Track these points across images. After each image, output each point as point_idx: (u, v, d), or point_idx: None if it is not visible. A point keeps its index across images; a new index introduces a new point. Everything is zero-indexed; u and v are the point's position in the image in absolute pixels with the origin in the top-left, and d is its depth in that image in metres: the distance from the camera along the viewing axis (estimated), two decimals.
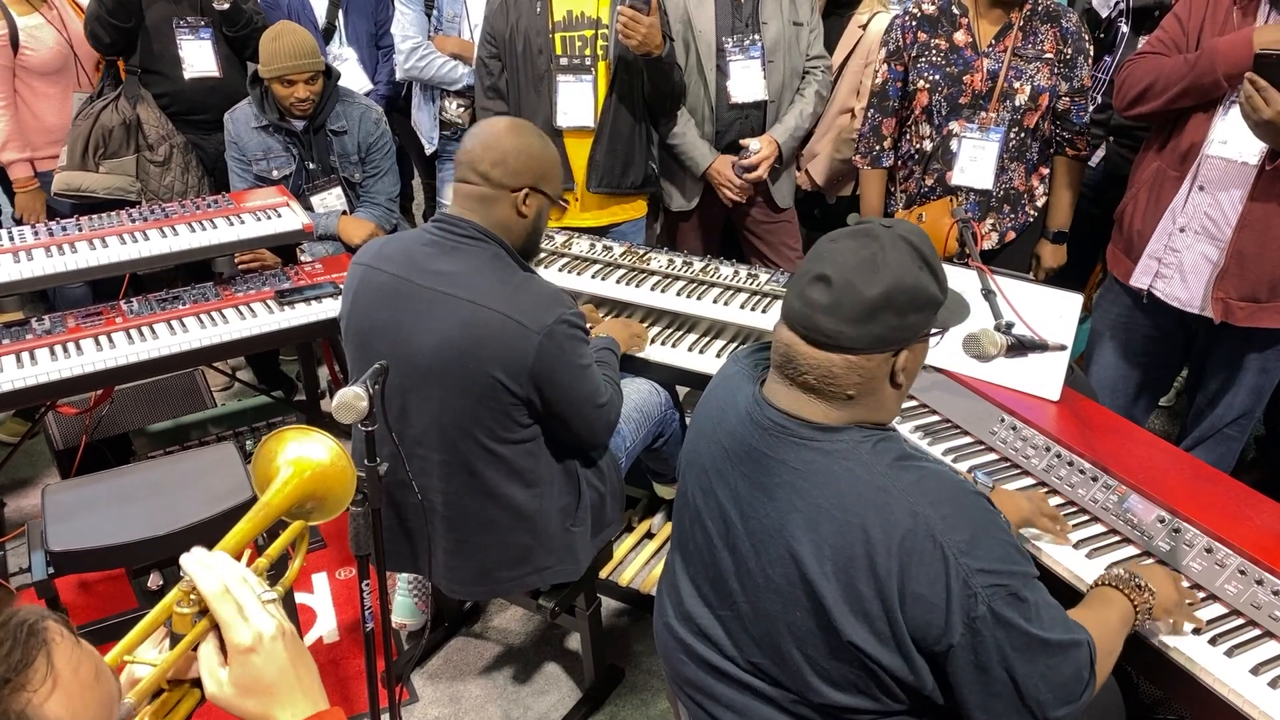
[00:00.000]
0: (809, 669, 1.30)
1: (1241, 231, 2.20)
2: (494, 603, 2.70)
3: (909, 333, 1.27)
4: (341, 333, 2.05)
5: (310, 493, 1.21)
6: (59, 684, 0.77)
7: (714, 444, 1.40)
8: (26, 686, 0.75)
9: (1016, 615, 1.20)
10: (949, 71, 2.62)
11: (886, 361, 1.27)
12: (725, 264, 2.61)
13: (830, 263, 1.26)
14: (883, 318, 1.24)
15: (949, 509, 1.22)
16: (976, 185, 2.67)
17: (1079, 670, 1.26)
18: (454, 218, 1.90)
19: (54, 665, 0.77)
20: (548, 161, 1.95)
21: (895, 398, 1.32)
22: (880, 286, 1.23)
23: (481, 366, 1.81)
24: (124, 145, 3.24)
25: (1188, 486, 1.78)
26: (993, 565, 1.20)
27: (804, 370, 1.28)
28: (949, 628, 1.19)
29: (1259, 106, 1.99)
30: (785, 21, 2.94)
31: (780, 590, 1.29)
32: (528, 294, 1.84)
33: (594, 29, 2.83)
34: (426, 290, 1.85)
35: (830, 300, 1.24)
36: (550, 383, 1.85)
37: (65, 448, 2.88)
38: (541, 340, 1.80)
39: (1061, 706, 1.25)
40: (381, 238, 2.04)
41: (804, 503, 1.26)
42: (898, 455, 1.26)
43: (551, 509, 2.00)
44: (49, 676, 0.77)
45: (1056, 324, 2.01)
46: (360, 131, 3.19)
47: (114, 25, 3.17)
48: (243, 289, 2.77)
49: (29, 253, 2.58)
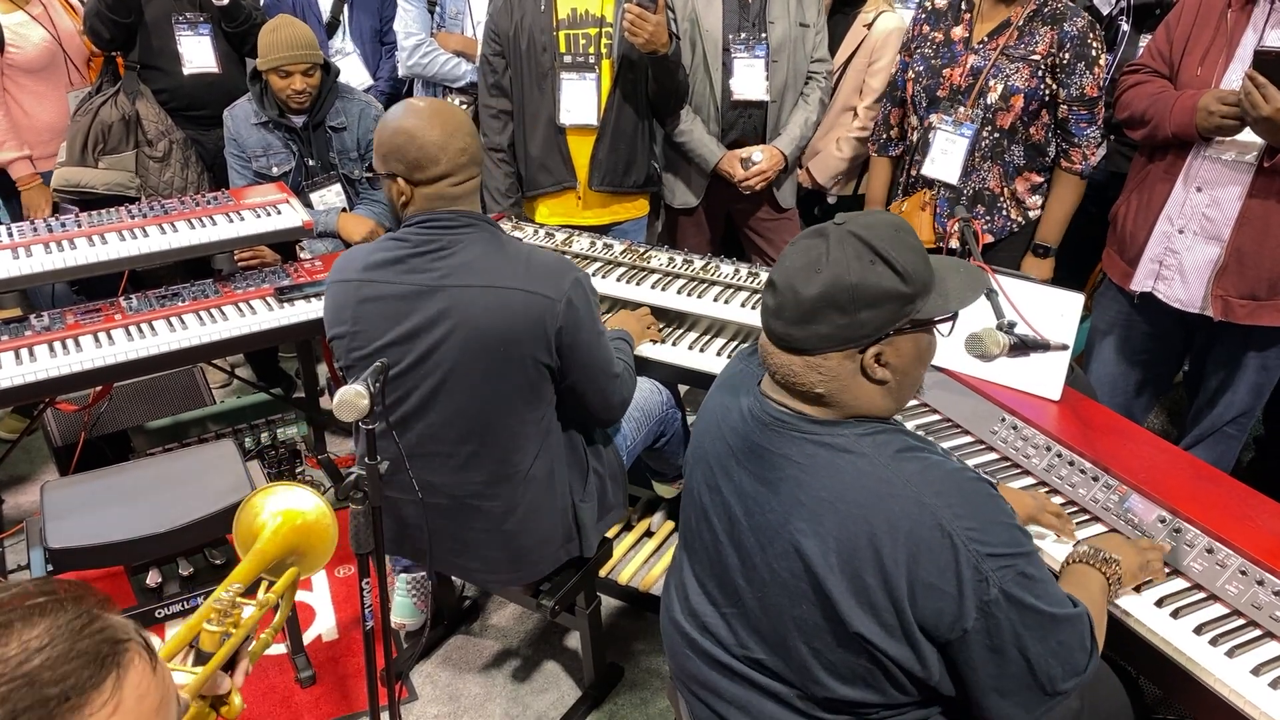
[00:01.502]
0: (816, 663, 1.30)
1: (1240, 229, 2.21)
2: (493, 601, 2.69)
3: (864, 329, 1.24)
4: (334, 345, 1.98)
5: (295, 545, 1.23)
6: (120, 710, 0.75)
7: (719, 441, 1.41)
8: (86, 707, 0.73)
9: (1027, 594, 1.22)
10: (933, 64, 2.65)
11: (849, 359, 1.26)
12: (726, 262, 2.60)
13: (779, 267, 1.29)
14: (826, 317, 1.23)
15: (954, 497, 1.22)
16: (944, 179, 2.68)
17: (1083, 641, 1.29)
18: (432, 214, 1.85)
19: (121, 690, 0.75)
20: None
21: (880, 393, 1.29)
22: (817, 287, 1.23)
23: (512, 344, 1.82)
24: (123, 141, 3.24)
25: (1189, 486, 1.77)
26: (1001, 548, 1.21)
27: (774, 370, 1.31)
28: (962, 614, 1.20)
29: (1258, 103, 2.00)
30: (792, 22, 2.94)
31: (786, 585, 1.29)
32: (538, 265, 1.85)
33: (598, 27, 2.82)
34: (434, 290, 1.83)
35: (776, 304, 1.28)
36: (571, 348, 1.86)
37: (64, 444, 2.87)
38: (565, 307, 1.82)
39: (1070, 679, 1.27)
40: (358, 250, 1.95)
41: (808, 496, 1.26)
42: (900, 447, 1.27)
43: (566, 483, 2.02)
44: (112, 701, 0.74)
45: (1058, 323, 2.01)
46: (360, 128, 3.18)
47: (113, 21, 3.16)
48: (242, 286, 2.76)
49: (28, 249, 2.58)
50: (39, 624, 0.73)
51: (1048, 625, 1.23)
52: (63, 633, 0.73)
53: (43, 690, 0.70)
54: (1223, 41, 2.21)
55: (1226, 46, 2.21)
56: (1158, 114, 2.28)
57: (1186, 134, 2.22)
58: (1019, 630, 1.21)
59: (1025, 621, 1.22)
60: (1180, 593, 1.61)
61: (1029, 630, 1.22)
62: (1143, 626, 1.55)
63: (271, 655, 2.54)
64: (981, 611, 1.20)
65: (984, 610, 1.20)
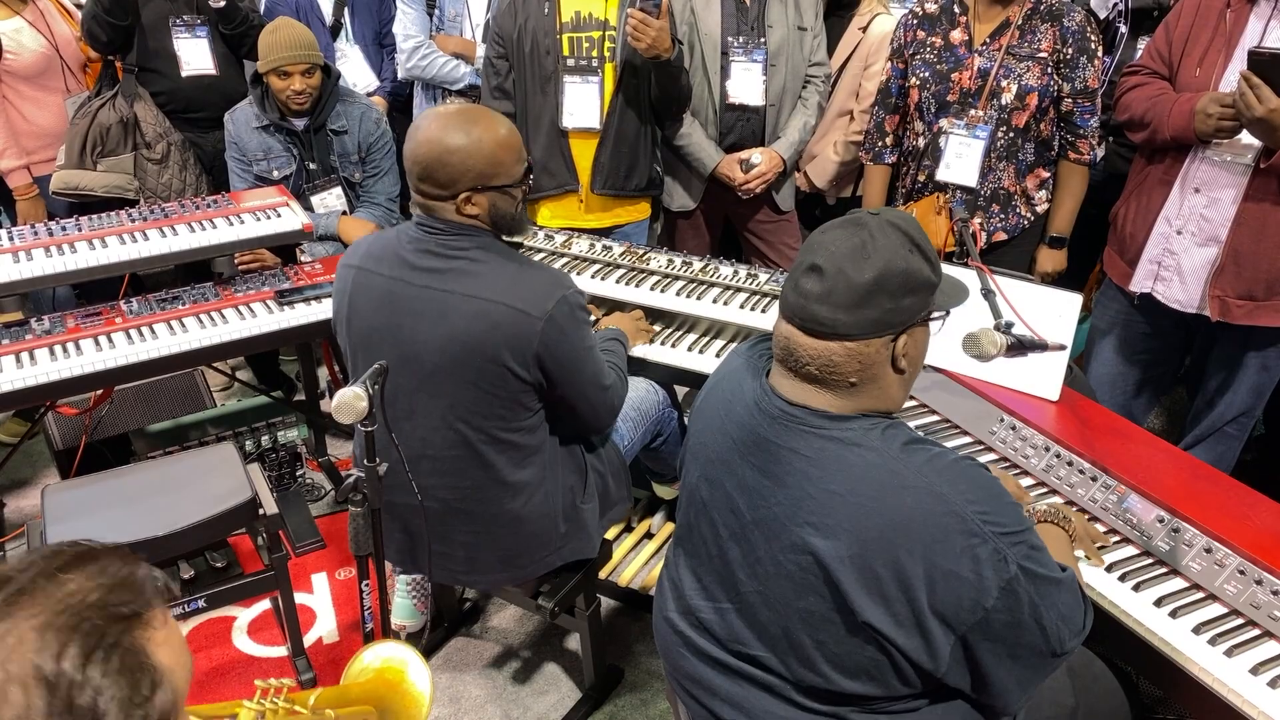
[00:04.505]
0: (819, 655, 1.31)
1: (1237, 230, 2.22)
2: (493, 603, 2.70)
3: (905, 315, 1.28)
4: (337, 333, 2.05)
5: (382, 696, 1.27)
6: (170, 635, 0.83)
7: (721, 435, 1.41)
8: (150, 624, 0.81)
9: (1036, 565, 1.26)
10: (938, 69, 2.65)
11: (886, 346, 1.29)
12: (725, 264, 2.61)
13: (822, 252, 1.28)
14: (877, 301, 1.25)
15: (964, 484, 1.25)
16: (961, 182, 2.68)
17: (1077, 598, 1.33)
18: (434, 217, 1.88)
19: (169, 618, 0.84)
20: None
21: (899, 384, 1.34)
22: (872, 271, 1.25)
23: (490, 357, 1.82)
24: (121, 143, 3.24)
25: (1187, 486, 1.78)
26: (1013, 527, 1.25)
27: (805, 361, 1.30)
28: (983, 595, 1.22)
29: (1252, 104, 2.00)
30: (790, 26, 2.94)
31: (793, 576, 1.30)
32: (527, 280, 1.84)
33: (602, 30, 2.83)
34: (423, 290, 1.85)
35: (824, 289, 1.26)
36: (556, 364, 1.86)
37: (65, 448, 2.88)
38: (545, 325, 1.81)
39: (1074, 638, 1.32)
40: (366, 237, 2.01)
41: (817, 489, 1.27)
42: (907, 439, 1.29)
43: (561, 488, 2.02)
44: (166, 624, 0.83)
45: (1056, 324, 2.01)
46: (360, 131, 3.18)
47: (111, 24, 3.17)
48: (242, 289, 2.76)
49: (29, 252, 2.58)
50: (89, 566, 0.82)
51: (1052, 590, 1.27)
52: (113, 570, 0.83)
53: (116, 610, 0.79)
54: (1221, 41, 2.22)
55: (1225, 47, 2.21)
56: (1156, 117, 2.28)
57: (1185, 137, 2.22)
58: (1035, 600, 1.24)
59: (1039, 591, 1.25)
60: (1179, 592, 1.62)
61: (1043, 599, 1.25)
62: (1141, 626, 1.56)
63: (272, 658, 2.55)
64: (1003, 590, 1.22)
65: (1006, 588, 1.22)
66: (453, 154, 1.79)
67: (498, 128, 1.84)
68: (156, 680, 0.79)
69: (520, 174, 1.88)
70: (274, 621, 2.63)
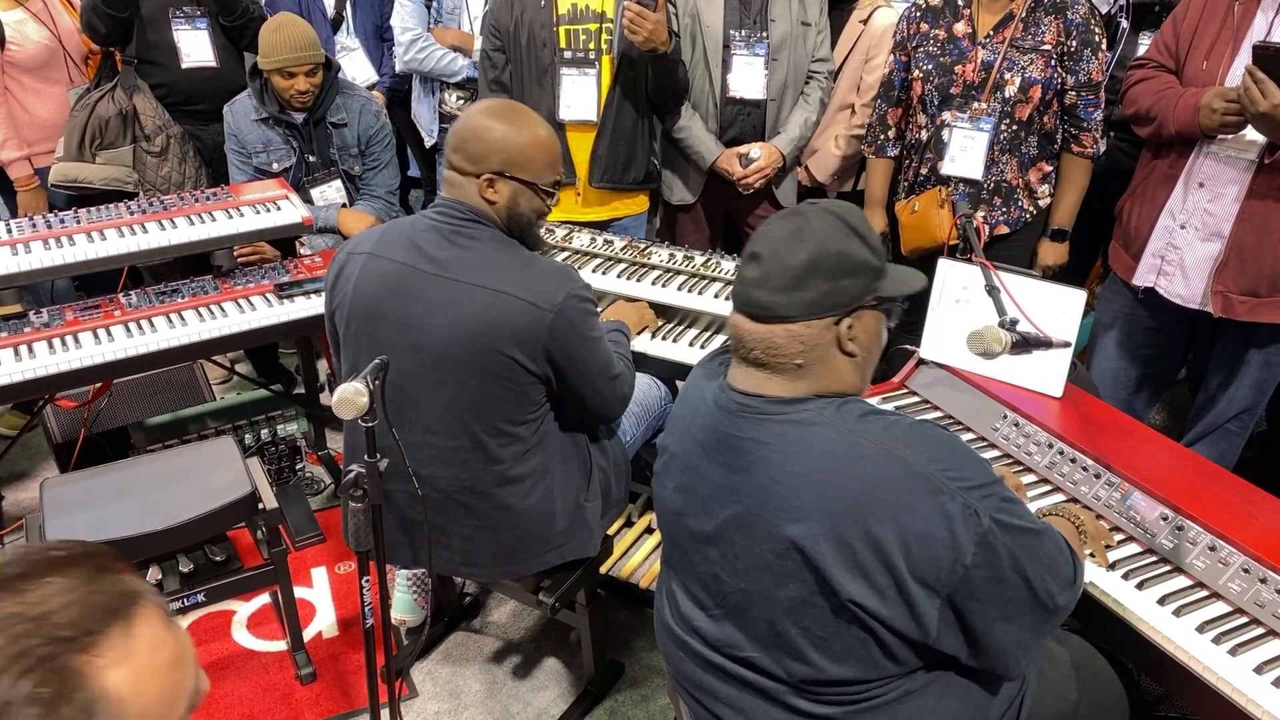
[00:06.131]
0: (806, 642, 1.31)
1: (1240, 225, 2.21)
2: (493, 598, 2.69)
3: (844, 297, 1.30)
4: (332, 319, 2.02)
5: None
6: (131, 659, 0.78)
7: (688, 439, 1.43)
8: (92, 649, 0.76)
9: (1012, 517, 1.26)
10: (942, 62, 2.64)
11: (828, 329, 1.30)
12: (726, 258, 2.60)
13: (760, 240, 1.33)
14: (812, 283, 1.28)
15: (924, 445, 1.26)
16: (966, 175, 2.68)
17: (1061, 549, 1.33)
18: (452, 202, 1.89)
19: (133, 640, 0.78)
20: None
21: (851, 368, 1.35)
22: (804, 253, 1.28)
23: (497, 349, 1.82)
24: (120, 136, 3.23)
25: (1191, 484, 1.77)
26: (980, 479, 1.26)
27: (751, 347, 1.33)
28: (960, 552, 1.22)
29: (1256, 99, 2.00)
30: (794, 21, 2.93)
31: (771, 566, 1.30)
32: (536, 273, 1.85)
33: (598, 23, 2.82)
34: (433, 278, 1.85)
35: (761, 274, 1.30)
36: (565, 356, 1.86)
37: (63, 441, 2.87)
38: (554, 317, 1.81)
39: (1065, 590, 1.32)
40: (377, 227, 2.01)
41: (782, 474, 1.28)
42: (862, 412, 1.30)
43: (565, 485, 2.01)
44: (122, 648, 0.78)
45: (1060, 320, 2.00)
46: (360, 124, 3.17)
47: (110, 15, 3.15)
48: (242, 282, 2.75)
49: (27, 245, 2.57)
50: (58, 574, 0.78)
51: (1032, 541, 1.27)
52: (79, 583, 0.78)
53: (55, 632, 0.75)
54: (1229, 35, 2.21)
55: (1233, 40, 2.20)
56: (1162, 111, 2.27)
57: (1190, 132, 2.21)
58: (1014, 552, 1.25)
59: (1017, 543, 1.25)
60: (1182, 590, 1.61)
61: (1022, 550, 1.26)
62: (1145, 624, 1.55)
63: (271, 652, 2.54)
64: (979, 545, 1.22)
65: (981, 543, 1.22)
66: (491, 131, 1.85)
67: (539, 128, 1.90)
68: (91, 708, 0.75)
69: (547, 180, 1.92)
70: (273, 616, 2.63)
